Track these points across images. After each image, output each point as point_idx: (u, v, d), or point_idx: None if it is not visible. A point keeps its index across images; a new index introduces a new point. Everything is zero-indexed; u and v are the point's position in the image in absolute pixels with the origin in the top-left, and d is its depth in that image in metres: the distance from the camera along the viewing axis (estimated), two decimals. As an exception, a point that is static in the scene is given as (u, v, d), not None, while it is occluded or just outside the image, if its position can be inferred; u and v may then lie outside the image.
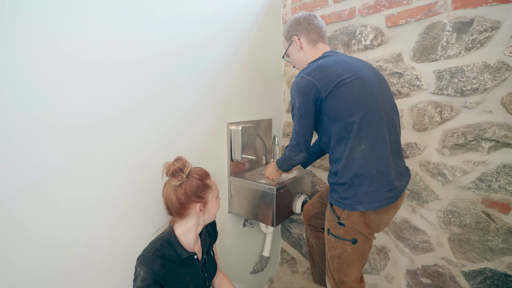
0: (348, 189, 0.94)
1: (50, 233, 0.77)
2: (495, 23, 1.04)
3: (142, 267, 0.84)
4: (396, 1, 1.23)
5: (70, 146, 0.79)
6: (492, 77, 1.07)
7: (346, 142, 0.93)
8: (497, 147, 1.10)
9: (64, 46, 0.76)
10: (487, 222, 1.15)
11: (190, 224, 0.95)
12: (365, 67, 0.97)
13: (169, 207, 0.92)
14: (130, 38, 0.92)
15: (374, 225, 0.97)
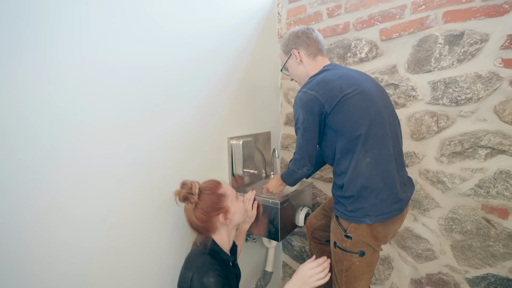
0: (355, 202, 0.94)
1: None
2: (484, 36, 1.09)
3: (210, 273, 0.85)
4: (389, 15, 1.27)
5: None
6: (484, 86, 1.11)
7: (351, 156, 0.94)
8: (493, 154, 1.13)
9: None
10: (487, 228, 1.17)
11: (223, 233, 0.98)
12: (366, 80, 0.99)
13: (196, 228, 0.95)
14: (134, 60, 0.92)
15: (381, 237, 0.97)
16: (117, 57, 0.87)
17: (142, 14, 0.94)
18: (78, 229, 0.81)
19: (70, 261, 0.80)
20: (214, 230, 0.96)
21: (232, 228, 1.01)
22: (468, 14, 1.11)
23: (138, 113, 0.94)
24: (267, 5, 1.56)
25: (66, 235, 0.78)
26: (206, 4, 1.18)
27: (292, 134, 1.72)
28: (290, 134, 1.73)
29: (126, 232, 0.93)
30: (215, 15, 1.22)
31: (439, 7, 1.15)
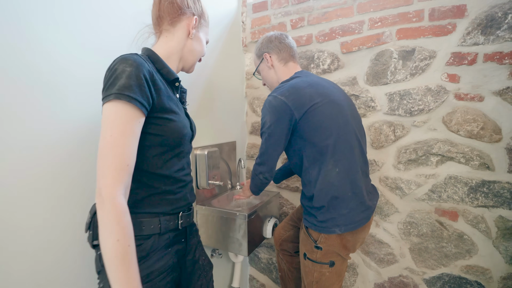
0: (326, 213, 0.94)
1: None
2: (432, 53, 1.19)
3: (127, 62, 0.60)
4: (349, 30, 1.33)
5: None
6: (434, 99, 1.21)
7: (320, 165, 0.93)
8: (443, 161, 1.22)
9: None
10: (440, 230, 1.25)
11: (173, 45, 0.77)
12: (335, 89, 1.01)
13: (160, 9, 0.76)
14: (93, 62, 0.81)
15: (350, 245, 0.98)
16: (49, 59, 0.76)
17: (94, 23, 0.85)
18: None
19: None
20: (173, 27, 0.76)
21: (182, 55, 0.80)
22: (418, 32, 1.20)
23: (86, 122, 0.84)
24: (230, 13, 1.54)
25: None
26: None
27: (258, 143, 1.70)
28: (256, 144, 1.70)
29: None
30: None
31: (393, 24, 1.24)
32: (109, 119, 0.56)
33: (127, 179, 0.55)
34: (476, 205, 1.18)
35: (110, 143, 0.55)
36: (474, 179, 1.17)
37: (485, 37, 1.10)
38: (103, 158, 0.54)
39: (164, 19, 0.76)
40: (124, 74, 0.58)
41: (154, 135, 0.64)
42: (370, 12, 1.28)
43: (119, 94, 0.56)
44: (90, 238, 0.65)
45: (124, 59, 0.61)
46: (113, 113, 0.56)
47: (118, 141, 0.55)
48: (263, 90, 1.64)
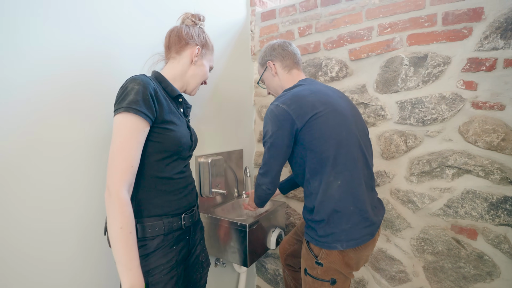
0: (325, 227, 0.89)
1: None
2: (446, 59, 1.12)
3: (136, 81, 0.72)
4: (357, 36, 1.29)
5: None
6: (448, 107, 1.13)
7: (321, 177, 0.90)
8: (460, 174, 1.14)
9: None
10: (457, 248, 1.16)
11: (177, 70, 0.89)
12: (340, 98, 0.98)
13: (169, 41, 0.90)
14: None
15: (353, 263, 0.92)
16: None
17: (100, 27, 0.90)
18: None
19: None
20: (178, 55, 0.89)
21: (185, 78, 0.91)
22: (430, 37, 1.14)
23: (96, 128, 0.87)
24: (239, 22, 1.55)
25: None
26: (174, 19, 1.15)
27: (266, 151, 1.68)
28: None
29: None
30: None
31: (404, 30, 1.19)
32: (119, 128, 0.68)
33: (131, 178, 0.68)
34: (497, 223, 1.08)
35: (118, 147, 0.66)
36: (495, 195, 1.07)
37: (505, 41, 1.02)
38: (113, 160, 0.66)
39: (172, 48, 0.90)
40: (133, 91, 0.70)
41: (156, 142, 0.75)
42: (379, 18, 1.23)
43: (128, 108, 0.68)
44: (107, 240, 0.77)
45: (133, 79, 0.73)
46: (122, 123, 0.68)
47: (125, 146, 0.67)
48: (271, 98, 1.63)
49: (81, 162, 0.87)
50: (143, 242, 0.74)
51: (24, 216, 0.76)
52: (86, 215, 0.89)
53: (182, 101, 0.90)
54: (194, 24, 0.93)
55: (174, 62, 0.90)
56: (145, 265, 0.73)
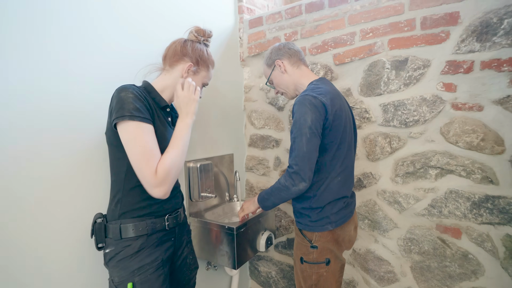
0: (320, 213, 1.00)
1: None
2: (426, 62, 1.15)
3: (128, 90, 0.76)
4: (341, 41, 1.33)
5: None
6: (429, 109, 1.16)
7: (328, 172, 0.99)
8: (443, 174, 1.16)
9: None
10: (443, 248, 1.17)
11: (167, 82, 0.91)
12: (344, 98, 1.06)
13: (167, 52, 0.93)
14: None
15: (341, 240, 1.04)
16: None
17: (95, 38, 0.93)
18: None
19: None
20: (171, 68, 0.92)
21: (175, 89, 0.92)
22: (410, 41, 1.17)
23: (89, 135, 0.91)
24: (228, 29, 1.59)
25: None
26: (160, 27, 1.18)
27: (256, 155, 1.71)
28: (254, 156, 1.71)
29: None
30: (168, 37, 1.21)
31: (384, 34, 1.22)
32: (131, 136, 0.73)
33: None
34: (480, 222, 1.10)
35: (140, 153, 0.72)
36: (477, 194, 1.09)
37: (480, 44, 1.05)
38: (140, 165, 0.72)
39: (167, 60, 0.93)
40: (129, 99, 0.74)
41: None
42: (361, 23, 1.27)
43: (132, 116, 0.72)
44: (95, 242, 0.82)
45: (124, 89, 0.76)
46: (132, 131, 0.73)
47: (145, 149, 0.72)
48: (260, 103, 1.66)
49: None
50: (128, 242, 0.79)
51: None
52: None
53: (170, 110, 0.93)
54: (196, 40, 0.95)
55: (166, 74, 0.92)
56: (131, 265, 0.78)
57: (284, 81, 1.10)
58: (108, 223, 0.82)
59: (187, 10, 1.31)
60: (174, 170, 0.75)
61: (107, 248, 0.82)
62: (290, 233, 1.61)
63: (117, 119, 0.72)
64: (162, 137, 0.82)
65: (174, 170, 0.76)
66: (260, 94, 1.65)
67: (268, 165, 1.66)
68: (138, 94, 0.76)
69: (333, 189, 1.00)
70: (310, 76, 1.07)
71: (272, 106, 1.61)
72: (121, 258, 0.79)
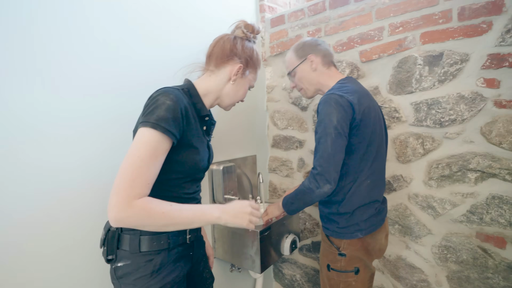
0: (349, 219, 0.95)
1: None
2: (463, 56, 1.06)
3: (168, 96, 0.66)
4: (368, 37, 1.26)
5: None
6: (468, 107, 1.06)
7: (356, 175, 0.94)
8: (484, 178, 1.06)
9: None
10: (484, 257, 1.08)
11: (212, 85, 0.81)
12: (373, 98, 1.01)
13: (212, 51, 0.82)
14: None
15: (371, 248, 0.99)
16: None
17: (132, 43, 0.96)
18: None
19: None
20: (217, 70, 0.81)
21: (220, 96, 0.84)
22: (445, 34, 1.08)
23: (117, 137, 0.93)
24: (250, 30, 1.57)
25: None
26: (189, 28, 1.19)
27: (279, 156, 1.68)
28: (278, 157, 1.69)
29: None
30: (187, 41, 1.22)
31: (416, 28, 1.14)
32: (141, 142, 0.62)
33: (145, 192, 0.62)
34: (528, 231, 1.00)
35: (136, 163, 0.60)
36: (524, 200, 0.99)
37: (529, 34, 0.94)
38: (125, 173, 0.59)
39: (212, 60, 0.82)
40: (163, 106, 0.64)
41: (175, 162, 0.69)
42: (390, 17, 1.19)
43: (156, 124, 0.62)
44: (105, 253, 0.72)
45: (166, 92, 0.67)
46: (147, 138, 0.62)
47: (143, 162, 0.61)
48: (283, 103, 1.63)
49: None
50: (148, 256, 0.70)
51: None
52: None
53: (208, 119, 0.83)
54: (245, 37, 0.84)
55: (211, 75, 0.82)
56: (151, 284, 0.69)
57: (310, 78, 1.05)
58: (124, 233, 0.71)
59: (207, 12, 1.30)
60: (148, 221, 0.61)
61: (119, 261, 0.70)
62: (315, 236, 1.57)
63: (141, 124, 0.64)
64: (194, 150, 0.73)
65: (148, 221, 0.61)
66: (283, 94, 1.62)
67: (291, 166, 1.63)
68: (177, 102, 0.66)
69: (363, 193, 0.95)
70: (337, 77, 1.03)
71: (296, 106, 1.57)
72: (140, 276, 0.68)
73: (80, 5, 0.88)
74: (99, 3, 0.92)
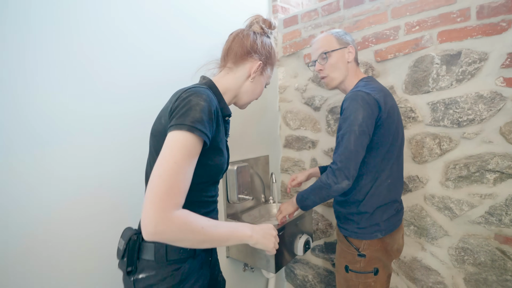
0: (369, 219, 0.96)
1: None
2: (482, 55, 1.05)
3: (201, 97, 0.62)
4: (383, 37, 1.25)
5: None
6: (487, 107, 1.05)
7: (378, 174, 0.94)
8: (503, 179, 1.05)
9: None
10: (503, 260, 1.06)
11: (231, 83, 0.78)
12: (394, 98, 1.02)
13: (230, 47, 0.79)
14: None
15: (390, 248, 0.99)
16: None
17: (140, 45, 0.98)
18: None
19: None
20: (236, 67, 0.78)
21: (237, 94, 0.81)
22: (463, 33, 1.07)
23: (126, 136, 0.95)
24: (262, 31, 1.58)
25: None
26: (204, 29, 1.21)
27: (292, 156, 1.68)
28: (290, 157, 1.69)
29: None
30: (213, 42, 1.23)
31: (433, 27, 1.12)
32: (177, 146, 0.57)
33: (182, 202, 0.57)
34: (550, 233, 0.98)
35: (173, 169, 0.55)
36: (546, 202, 0.97)
37: (552, 32, 0.92)
38: (162, 180, 0.54)
39: (230, 56, 0.79)
40: (198, 107, 0.60)
41: (203, 165, 0.65)
42: (406, 16, 1.18)
43: (193, 127, 0.57)
44: (125, 265, 0.66)
45: (198, 93, 0.63)
46: (183, 142, 0.57)
47: (180, 169, 0.56)
48: (296, 104, 1.63)
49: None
50: (175, 265, 0.66)
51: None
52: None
53: (228, 119, 0.80)
54: (263, 33, 0.81)
55: (229, 73, 0.79)
56: None
57: (342, 67, 1.01)
58: (146, 241, 0.66)
59: (221, 13, 1.31)
60: (188, 235, 0.55)
61: (140, 272, 0.65)
62: (327, 236, 1.57)
63: (175, 127, 0.58)
64: (220, 152, 0.70)
65: (188, 235, 0.55)
66: (295, 94, 1.62)
67: (304, 167, 1.63)
68: (210, 103, 0.63)
69: (383, 193, 0.95)
70: (360, 75, 1.04)
71: (308, 106, 1.57)
72: (166, 287, 0.64)
73: (106, 7, 0.90)
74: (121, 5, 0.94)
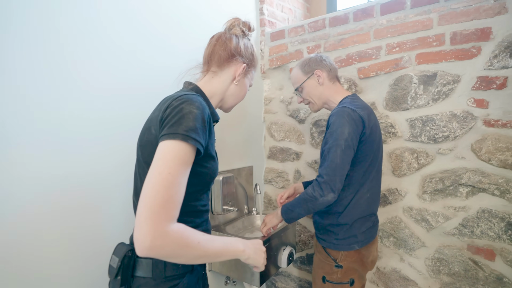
0: (348, 231, 0.98)
1: None
2: (455, 77, 1.13)
3: (194, 104, 0.60)
4: (366, 55, 1.32)
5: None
6: (460, 125, 1.13)
7: (358, 187, 0.98)
8: (474, 192, 1.12)
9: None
10: (475, 269, 1.12)
11: (217, 87, 0.77)
12: (375, 115, 1.06)
13: (213, 51, 0.77)
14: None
15: (365, 260, 1.02)
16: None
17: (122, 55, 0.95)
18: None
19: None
20: (220, 71, 0.77)
21: (223, 98, 0.80)
22: (439, 56, 1.15)
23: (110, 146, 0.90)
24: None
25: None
26: (189, 35, 1.20)
27: (275, 168, 1.69)
28: (274, 168, 1.70)
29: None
30: (190, 47, 1.22)
31: (412, 49, 1.21)
32: (170, 156, 0.54)
33: (176, 215, 0.54)
34: (516, 243, 1.05)
35: (168, 180, 0.52)
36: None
37: (515, 60, 1.03)
38: (156, 193, 0.51)
39: (214, 60, 0.78)
40: (191, 115, 0.58)
41: (196, 173, 0.63)
42: (387, 38, 1.26)
43: (186, 136, 0.55)
44: (118, 284, 0.62)
45: (190, 100, 0.61)
46: (176, 152, 0.55)
47: (175, 180, 0.53)
48: (281, 116, 1.65)
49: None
50: (174, 281, 0.63)
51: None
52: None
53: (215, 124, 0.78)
54: (244, 35, 0.81)
55: (214, 77, 0.78)
56: None
57: (317, 93, 1.08)
58: (141, 258, 0.63)
59: (210, 23, 1.31)
60: (184, 250, 0.53)
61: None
62: (309, 248, 1.58)
63: (167, 136, 0.56)
64: (212, 159, 0.68)
65: (184, 251, 0.53)
66: (281, 106, 1.65)
67: (287, 178, 1.64)
68: (203, 111, 0.61)
69: (363, 205, 0.99)
70: (343, 93, 1.07)
71: (293, 118, 1.60)
72: None
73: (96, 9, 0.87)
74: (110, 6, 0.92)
